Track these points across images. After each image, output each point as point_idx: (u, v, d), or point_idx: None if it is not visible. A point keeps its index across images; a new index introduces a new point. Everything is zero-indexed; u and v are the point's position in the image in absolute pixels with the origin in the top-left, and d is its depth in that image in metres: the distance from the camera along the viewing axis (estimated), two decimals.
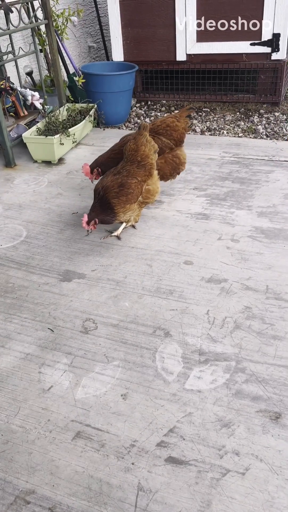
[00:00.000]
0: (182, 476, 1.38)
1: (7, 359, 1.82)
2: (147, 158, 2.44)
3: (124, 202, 2.37)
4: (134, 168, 2.41)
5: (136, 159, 2.42)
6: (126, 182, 2.37)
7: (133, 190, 2.38)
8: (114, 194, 2.35)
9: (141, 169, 2.42)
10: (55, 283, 2.24)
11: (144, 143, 2.44)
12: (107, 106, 4.03)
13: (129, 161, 2.42)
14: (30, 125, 3.74)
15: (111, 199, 2.34)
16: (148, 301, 2.08)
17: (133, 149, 2.43)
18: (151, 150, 2.47)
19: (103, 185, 2.38)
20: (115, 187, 2.35)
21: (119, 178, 2.38)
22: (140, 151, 2.42)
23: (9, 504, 1.33)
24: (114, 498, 1.33)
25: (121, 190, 2.35)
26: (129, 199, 2.38)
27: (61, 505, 1.32)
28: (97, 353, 1.83)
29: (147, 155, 2.44)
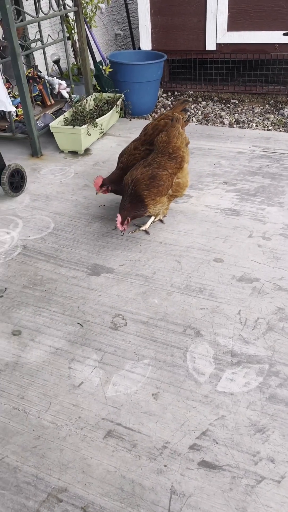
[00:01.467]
0: (216, 481, 1.35)
1: (37, 353, 1.82)
2: (179, 150, 2.40)
3: (155, 194, 2.33)
4: (165, 160, 2.36)
5: (167, 151, 2.37)
6: (157, 173, 2.32)
7: (164, 182, 2.34)
8: (144, 186, 2.30)
9: (172, 161, 2.38)
10: (84, 277, 2.22)
11: (176, 136, 2.39)
12: (134, 96, 3.97)
13: (160, 153, 2.38)
14: (57, 114, 3.71)
15: (141, 191, 2.30)
16: (177, 299, 2.05)
17: (164, 141, 2.38)
18: (183, 143, 2.43)
19: (133, 178, 2.33)
20: (145, 179, 2.31)
21: (150, 170, 2.33)
22: (172, 143, 2.38)
23: (41, 501, 1.33)
24: (147, 501, 1.32)
25: (152, 182, 2.31)
26: (160, 191, 2.34)
27: (93, 505, 1.31)
28: (127, 350, 1.81)
29: (178, 147, 2.40)
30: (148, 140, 2.53)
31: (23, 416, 1.57)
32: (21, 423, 1.55)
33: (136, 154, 2.52)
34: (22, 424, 1.55)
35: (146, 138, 2.54)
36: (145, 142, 2.54)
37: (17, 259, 2.37)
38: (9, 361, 1.79)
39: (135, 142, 2.58)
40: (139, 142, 2.56)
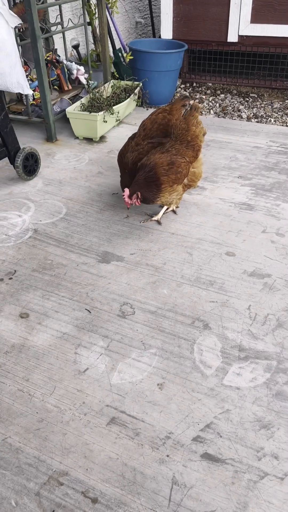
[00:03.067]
0: (218, 474, 1.34)
1: (43, 336, 1.81)
2: (197, 139, 2.39)
3: (173, 181, 2.30)
4: (183, 148, 2.34)
5: (186, 138, 2.36)
6: (176, 160, 2.29)
7: (182, 170, 2.31)
8: (163, 171, 2.26)
9: (190, 150, 2.36)
10: (94, 264, 2.21)
11: (195, 124, 2.39)
12: (152, 85, 3.93)
13: (179, 140, 2.36)
14: (74, 100, 3.68)
15: (160, 176, 2.26)
16: (187, 290, 2.03)
17: (183, 128, 2.37)
18: (201, 132, 2.42)
19: (151, 161, 2.28)
20: (164, 164, 2.27)
21: (168, 156, 2.30)
22: (191, 131, 2.37)
23: (42, 483, 1.33)
24: (147, 489, 1.31)
25: (170, 168, 2.27)
26: (178, 178, 2.32)
27: (94, 490, 1.31)
28: (134, 339, 1.80)
29: (197, 135, 2.38)
30: (148, 135, 2.49)
31: (27, 398, 1.57)
32: (25, 405, 1.55)
33: (140, 149, 2.45)
34: (26, 406, 1.55)
35: (146, 132, 2.50)
36: (146, 137, 2.49)
37: (28, 243, 2.36)
38: (16, 343, 1.79)
39: (136, 138, 2.51)
40: (139, 138, 2.50)
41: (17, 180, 2.92)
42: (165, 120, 2.46)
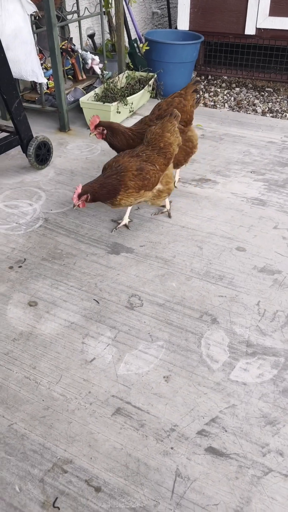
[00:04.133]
0: (222, 468, 1.34)
1: (51, 325, 1.82)
2: (170, 147, 2.21)
3: (139, 188, 2.12)
4: (154, 154, 2.17)
5: (158, 145, 2.18)
6: (146, 167, 2.12)
7: (151, 177, 2.14)
8: (132, 176, 2.09)
9: (161, 157, 2.18)
10: (103, 255, 2.20)
11: (171, 131, 2.22)
12: (167, 77, 3.89)
13: (150, 146, 2.19)
14: (88, 90, 3.66)
15: (128, 181, 2.09)
16: (196, 284, 2.02)
17: (157, 133, 2.20)
18: (176, 141, 2.25)
19: (121, 164, 2.11)
20: (133, 169, 2.10)
21: (138, 161, 2.13)
22: (164, 137, 2.19)
23: (46, 470, 1.34)
24: (151, 480, 1.31)
25: (139, 174, 2.10)
26: (145, 185, 2.13)
27: (97, 479, 1.31)
28: (142, 330, 1.80)
29: (171, 143, 2.21)
30: (162, 115, 2.45)
31: (34, 386, 1.58)
32: (31, 392, 1.56)
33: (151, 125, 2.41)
34: (32, 393, 1.55)
35: (161, 113, 2.46)
36: (159, 117, 2.45)
37: (38, 232, 2.36)
38: (24, 330, 1.79)
39: (149, 116, 2.50)
40: (153, 116, 2.48)
41: (29, 168, 2.92)
42: (181, 104, 2.44)
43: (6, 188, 2.72)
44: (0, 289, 1.99)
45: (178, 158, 2.50)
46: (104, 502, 1.26)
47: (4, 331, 1.79)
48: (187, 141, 2.50)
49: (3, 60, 2.46)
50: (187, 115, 2.48)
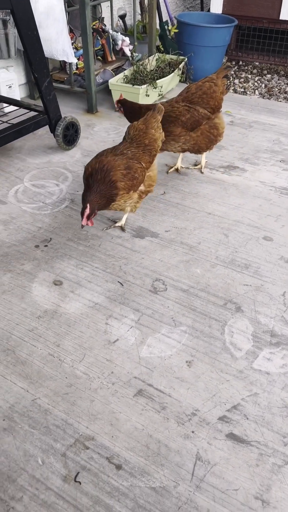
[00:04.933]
0: (242, 455, 1.34)
1: (76, 305, 1.83)
2: (155, 143, 2.10)
3: (129, 188, 1.99)
4: (140, 152, 2.04)
5: (143, 142, 2.06)
6: (133, 165, 1.99)
7: (139, 176, 2.01)
8: (121, 175, 1.94)
9: (146, 154, 2.06)
10: (128, 238, 2.20)
11: (155, 127, 2.11)
12: (197, 61, 3.82)
13: (135, 142, 2.05)
14: (117, 71, 3.62)
15: (118, 181, 1.93)
16: (221, 272, 2.01)
17: (141, 129, 2.08)
18: (160, 137, 2.14)
19: (105, 164, 1.93)
20: (121, 168, 1.95)
21: (124, 159, 1.97)
22: (149, 134, 2.08)
23: (68, 445, 1.36)
24: (171, 462, 1.32)
25: (128, 173, 1.96)
26: (134, 185, 2.01)
27: (118, 457, 1.33)
28: (165, 315, 1.80)
29: (155, 139, 2.10)
30: (189, 98, 2.40)
31: (58, 363, 1.60)
32: (55, 369, 1.58)
33: (174, 107, 2.36)
34: (56, 370, 1.57)
35: (188, 95, 2.42)
36: (186, 99, 2.41)
37: (64, 212, 2.37)
38: (48, 308, 1.81)
39: (176, 97, 2.46)
40: (179, 97, 2.44)
41: (56, 149, 2.92)
42: (211, 90, 2.39)
43: (33, 168, 2.73)
44: (26, 267, 2.01)
45: (200, 145, 2.47)
46: (124, 479, 1.28)
47: (29, 308, 1.81)
48: (212, 128, 2.45)
49: (36, 37, 2.45)
50: (216, 102, 2.43)
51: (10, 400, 1.48)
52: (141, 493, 1.25)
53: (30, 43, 2.44)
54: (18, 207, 2.40)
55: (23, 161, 2.79)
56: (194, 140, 2.43)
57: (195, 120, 2.37)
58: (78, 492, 1.25)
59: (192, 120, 2.36)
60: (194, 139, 2.42)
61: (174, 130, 2.35)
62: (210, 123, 2.44)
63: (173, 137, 2.38)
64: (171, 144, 2.42)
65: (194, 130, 2.40)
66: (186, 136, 2.39)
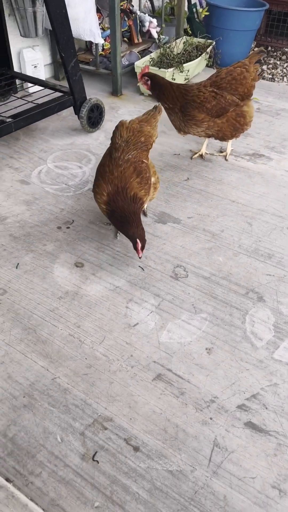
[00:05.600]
0: (260, 444, 1.34)
1: (97, 287, 1.83)
2: (150, 139, 2.04)
3: (148, 190, 1.92)
4: (138, 151, 1.96)
5: (139, 140, 1.97)
6: (141, 168, 1.91)
7: (148, 174, 1.95)
8: (137, 185, 1.86)
9: (144, 150, 1.99)
10: (150, 223, 2.19)
11: (153, 126, 2.07)
12: (225, 45, 3.73)
13: (131, 144, 1.95)
14: (143, 54, 3.57)
15: (138, 192, 1.85)
16: (243, 261, 1.98)
17: (135, 129, 2.00)
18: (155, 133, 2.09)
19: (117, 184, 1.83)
20: (134, 178, 1.86)
21: (131, 167, 1.88)
22: (144, 131, 2.01)
23: (87, 425, 1.37)
24: (189, 446, 1.32)
25: (142, 178, 1.88)
26: (149, 185, 1.94)
27: (136, 439, 1.34)
28: (185, 301, 1.79)
29: (151, 134, 2.04)
30: (218, 83, 2.33)
31: (78, 344, 1.61)
32: (75, 350, 1.59)
33: (201, 92, 2.30)
34: (76, 351, 1.58)
35: (217, 80, 2.35)
36: (214, 84, 2.34)
37: (87, 195, 2.36)
38: (70, 290, 1.82)
39: (204, 81, 2.39)
40: (208, 82, 2.37)
41: (80, 131, 2.90)
42: (241, 76, 2.32)
43: (56, 149, 2.72)
44: (48, 247, 2.02)
45: (224, 132, 2.40)
46: (141, 461, 1.29)
47: (50, 288, 1.82)
48: (239, 116, 2.38)
49: (65, 16, 2.41)
50: (245, 89, 2.36)
51: (31, 378, 1.49)
52: (158, 476, 1.26)
53: (58, 22, 2.41)
54: (41, 188, 2.40)
55: (47, 142, 2.78)
56: (218, 127, 2.37)
57: (221, 107, 2.31)
58: (95, 471, 1.27)
59: (218, 107, 2.31)
60: (219, 126, 2.37)
61: (196, 115, 2.30)
62: (238, 110, 2.38)
63: (195, 122, 2.33)
64: (193, 128, 2.37)
65: (220, 117, 2.35)
66: (209, 122, 2.34)
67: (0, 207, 2.25)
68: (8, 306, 1.74)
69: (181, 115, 2.34)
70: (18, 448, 1.31)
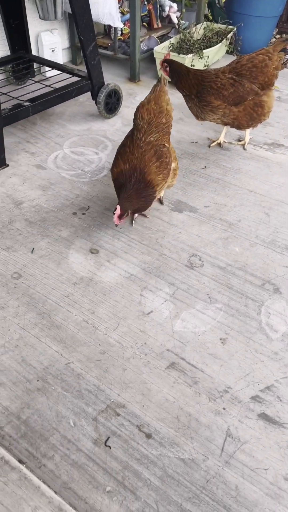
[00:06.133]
0: (274, 436, 1.33)
1: (111, 274, 1.83)
2: (170, 118, 1.98)
3: (166, 176, 1.89)
4: (161, 134, 1.92)
5: (160, 122, 1.93)
6: (162, 151, 1.87)
7: (169, 159, 1.92)
8: (156, 170, 1.83)
9: (166, 133, 1.96)
10: (166, 211, 2.16)
11: (166, 100, 1.98)
12: (246, 32, 3.65)
13: (153, 126, 1.92)
14: (162, 39, 3.51)
15: (155, 177, 1.83)
16: (260, 251, 1.95)
17: (155, 110, 1.94)
18: (172, 108, 2.01)
19: (135, 164, 1.82)
20: (154, 161, 1.83)
21: (151, 150, 1.86)
22: (163, 111, 1.95)
23: (100, 410, 1.38)
24: (201, 436, 1.32)
25: (161, 163, 1.85)
26: (169, 171, 1.92)
27: (148, 426, 1.34)
28: (200, 291, 1.77)
29: (170, 114, 1.98)
30: (237, 70, 2.27)
31: (92, 330, 1.61)
32: (89, 335, 1.59)
33: (218, 78, 2.24)
34: (89, 337, 1.58)
35: (237, 66, 2.29)
36: (233, 70, 2.27)
37: (103, 181, 2.35)
38: (84, 276, 1.81)
39: (224, 67, 2.33)
40: (227, 68, 2.31)
41: (97, 116, 2.87)
42: (263, 64, 2.26)
43: (73, 135, 2.70)
44: (64, 233, 2.01)
45: (240, 121, 2.34)
46: (154, 448, 1.29)
47: (65, 274, 1.82)
48: (257, 106, 2.32)
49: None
50: (266, 77, 2.30)
51: (45, 362, 1.50)
52: (170, 463, 1.26)
53: (78, 5, 2.37)
54: (57, 173, 2.39)
55: (63, 127, 2.77)
56: (234, 115, 2.32)
57: (238, 96, 2.26)
58: (108, 456, 1.27)
59: (235, 95, 2.25)
60: (235, 114, 2.31)
61: (212, 102, 2.25)
62: (256, 100, 2.32)
63: (210, 108, 2.28)
64: (209, 114, 2.32)
65: (237, 105, 2.29)
66: (225, 110, 2.28)
67: (16, 191, 2.25)
68: (23, 290, 1.74)
69: (197, 101, 2.29)
70: (31, 431, 1.32)
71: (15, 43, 2.94)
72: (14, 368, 1.47)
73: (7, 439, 1.30)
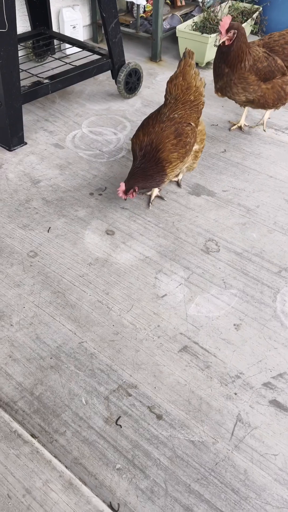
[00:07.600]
0: (284, 422, 1.32)
1: (126, 256, 1.82)
2: (200, 96, 1.91)
3: (183, 156, 1.85)
4: (187, 111, 1.86)
5: (188, 98, 1.87)
6: (184, 130, 1.83)
7: (191, 140, 1.87)
8: (172, 147, 1.80)
9: (194, 111, 1.89)
10: (183, 194, 2.14)
11: (194, 76, 1.88)
12: (273, 12, 3.53)
13: (180, 102, 1.87)
14: (185, 18, 3.42)
15: (169, 154, 1.80)
16: (278, 238, 1.93)
17: (183, 85, 1.87)
18: (202, 84, 1.92)
19: (153, 139, 1.80)
20: (171, 138, 1.80)
21: (172, 126, 1.82)
22: (192, 88, 1.88)
23: (112, 390, 1.39)
24: (212, 419, 1.33)
25: (179, 141, 1.81)
26: (187, 151, 1.87)
27: (159, 408, 1.35)
28: (215, 276, 1.76)
29: (200, 92, 1.90)
30: (271, 45, 2.22)
31: (106, 310, 1.61)
32: (102, 316, 1.59)
33: (254, 52, 2.16)
34: (103, 317, 1.59)
35: (269, 42, 2.23)
36: (267, 45, 2.22)
37: (120, 162, 2.32)
38: (99, 257, 1.81)
39: (257, 40, 2.27)
40: (260, 42, 2.25)
41: (116, 96, 2.83)
42: None
43: (92, 114, 2.68)
44: (80, 213, 2.01)
45: (267, 99, 2.28)
46: (164, 429, 1.30)
47: (81, 254, 1.82)
48: (286, 84, 2.26)
49: None
50: None
51: (58, 340, 1.51)
52: (180, 445, 1.27)
53: None
54: (75, 152, 2.37)
55: (82, 106, 2.74)
56: (262, 92, 2.25)
57: (270, 70, 2.19)
58: (118, 435, 1.29)
59: (267, 69, 2.19)
60: (263, 91, 2.24)
61: (247, 77, 2.18)
62: (285, 78, 2.26)
63: (244, 85, 2.21)
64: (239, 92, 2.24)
65: (266, 82, 2.23)
66: (255, 86, 2.22)
67: (34, 170, 2.24)
68: (39, 269, 1.75)
69: (230, 71, 2.20)
70: (44, 407, 1.34)
71: (36, 19, 2.90)
72: (28, 345, 1.49)
73: (20, 414, 1.32)
